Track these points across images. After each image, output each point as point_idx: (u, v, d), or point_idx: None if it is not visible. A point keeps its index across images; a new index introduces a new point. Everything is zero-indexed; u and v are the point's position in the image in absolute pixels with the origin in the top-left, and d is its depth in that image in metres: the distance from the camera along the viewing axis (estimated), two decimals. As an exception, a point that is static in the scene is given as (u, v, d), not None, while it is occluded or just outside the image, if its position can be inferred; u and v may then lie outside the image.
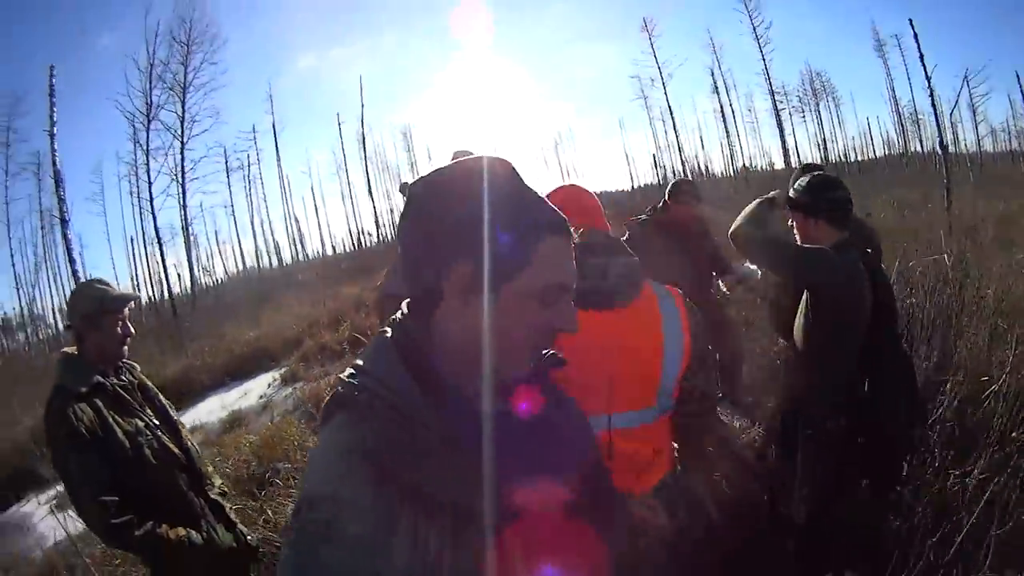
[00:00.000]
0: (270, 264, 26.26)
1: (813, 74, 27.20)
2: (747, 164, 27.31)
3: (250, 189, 25.22)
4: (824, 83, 27.10)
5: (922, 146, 25.19)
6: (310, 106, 52.93)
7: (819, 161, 24.88)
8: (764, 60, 23.37)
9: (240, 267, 26.63)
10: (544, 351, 0.74)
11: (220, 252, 28.07)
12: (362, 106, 24.17)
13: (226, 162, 23.43)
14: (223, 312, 13.95)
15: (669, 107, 25.04)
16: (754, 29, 22.46)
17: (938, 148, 10.14)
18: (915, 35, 11.99)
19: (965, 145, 24.00)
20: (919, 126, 24.81)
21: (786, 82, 30.52)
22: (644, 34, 24.42)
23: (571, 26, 52.72)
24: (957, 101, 21.20)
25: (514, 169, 0.67)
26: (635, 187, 29.12)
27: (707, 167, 29.20)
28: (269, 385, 6.74)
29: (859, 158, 27.33)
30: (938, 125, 9.85)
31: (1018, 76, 22.73)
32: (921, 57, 12.16)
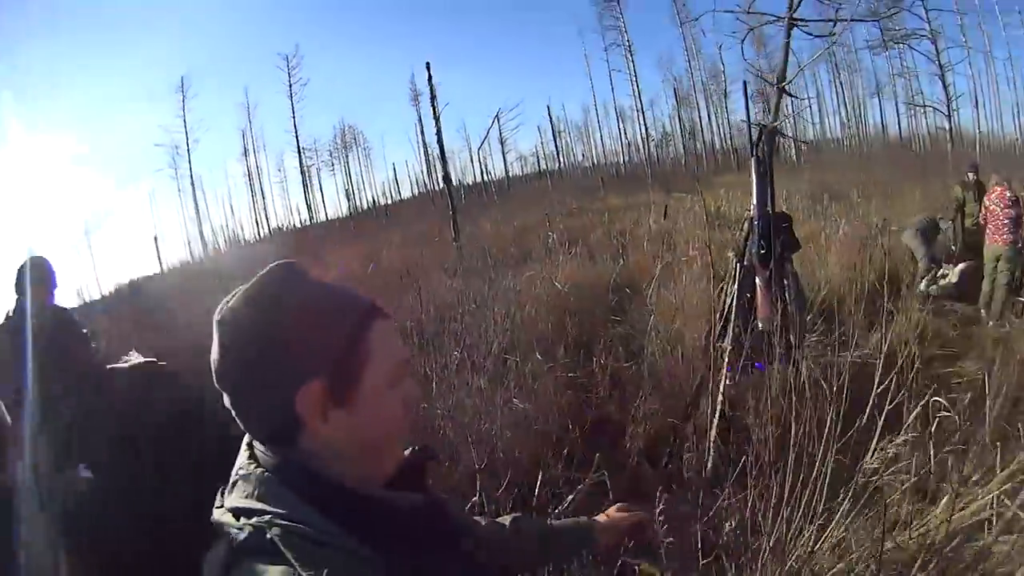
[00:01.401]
0: None
1: (345, 127, 28.19)
2: (277, 225, 26.28)
3: None
4: (356, 135, 28.20)
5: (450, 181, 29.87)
6: None
7: (345, 211, 26.29)
8: (295, 117, 23.04)
9: None
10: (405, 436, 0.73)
11: None
12: None
13: None
14: None
15: (191, 175, 22.11)
16: (290, 86, 21.53)
17: (442, 181, 11.17)
18: (429, 78, 13.03)
19: (493, 174, 29.12)
20: (446, 163, 29.27)
21: (319, 136, 31.02)
22: (178, 95, 20.42)
23: (110, 89, 40.67)
24: (486, 136, 25.82)
25: (301, 270, 0.65)
26: (165, 270, 21.55)
27: (239, 233, 26.41)
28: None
29: (388, 202, 29.14)
30: (443, 161, 10.89)
31: (549, 109, 29.99)
32: (433, 99, 13.22)
